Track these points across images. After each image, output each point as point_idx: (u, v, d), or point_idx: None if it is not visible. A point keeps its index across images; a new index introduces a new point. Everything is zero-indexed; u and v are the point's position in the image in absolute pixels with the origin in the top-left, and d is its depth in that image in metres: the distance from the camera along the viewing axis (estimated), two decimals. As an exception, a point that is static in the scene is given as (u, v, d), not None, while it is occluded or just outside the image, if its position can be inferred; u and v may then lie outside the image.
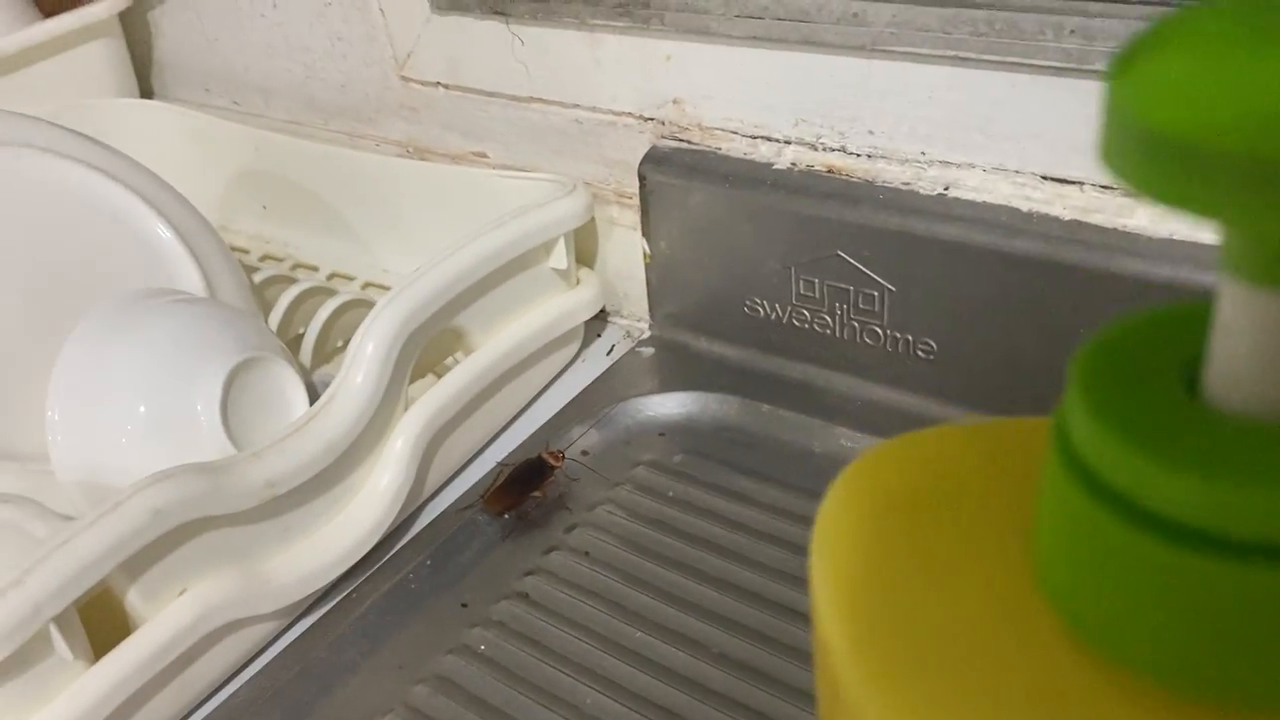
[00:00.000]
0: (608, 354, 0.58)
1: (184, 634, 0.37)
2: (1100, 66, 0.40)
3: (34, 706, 0.35)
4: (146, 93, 0.80)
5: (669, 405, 0.53)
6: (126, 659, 0.36)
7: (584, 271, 0.58)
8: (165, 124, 0.70)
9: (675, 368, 0.55)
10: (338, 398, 0.42)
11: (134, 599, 0.37)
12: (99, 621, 0.37)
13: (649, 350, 0.57)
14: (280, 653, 0.42)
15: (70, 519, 0.36)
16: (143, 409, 0.40)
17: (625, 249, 0.58)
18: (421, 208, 0.62)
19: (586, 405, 0.53)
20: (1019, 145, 0.44)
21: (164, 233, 0.47)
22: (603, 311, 0.60)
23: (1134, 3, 0.39)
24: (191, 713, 0.40)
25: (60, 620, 0.34)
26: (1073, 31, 0.40)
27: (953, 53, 0.43)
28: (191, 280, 0.47)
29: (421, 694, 0.40)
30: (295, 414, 0.43)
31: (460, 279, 0.46)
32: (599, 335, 0.60)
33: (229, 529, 0.39)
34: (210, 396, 0.40)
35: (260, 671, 0.41)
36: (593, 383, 0.55)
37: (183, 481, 0.36)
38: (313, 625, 0.43)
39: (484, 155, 0.63)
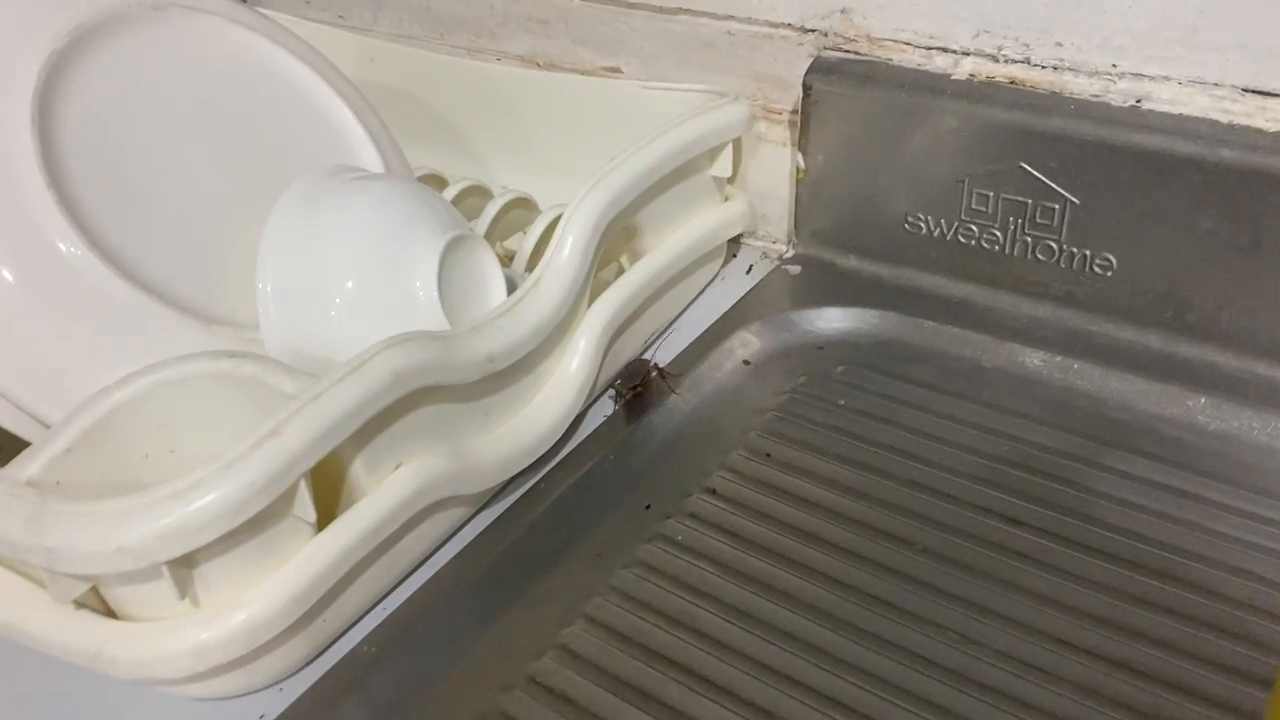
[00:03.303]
0: (747, 273, 0.58)
1: (404, 506, 0.37)
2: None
3: (267, 569, 0.34)
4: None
5: (825, 320, 0.53)
6: (355, 526, 0.35)
7: (729, 188, 0.57)
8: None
9: (825, 285, 0.55)
10: (544, 280, 0.41)
11: (358, 468, 0.36)
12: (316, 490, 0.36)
13: (795, 268, 0.56)
14: (478, 536, 0.41)
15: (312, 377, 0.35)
16: (351, 284, 0.39)
17: (769, 167, 0.58)
18: (551, 124, 0.61)
19: (739, 319, 0.53)
20: (1222, 57, 0.44)
21: (345, 111, 0.46)
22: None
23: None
24: (390, 592, 0.39)
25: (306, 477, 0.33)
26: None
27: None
28: (371, 160, 0.46)
29: (627, 579, 0.39)
30: (493, 298, 0.42)
31: (651, 172, 0.46)
32: (734, 256, 0.60)
33: (442, 405, 0.38)
34: (428, 272, 0.39)
35: (460, 553, 0.40)
36: (742, 299, 0.55)
37: (421, 346, 0.35)
38: (505, 512, 0.42)
39: (617, 70, 0.62)
